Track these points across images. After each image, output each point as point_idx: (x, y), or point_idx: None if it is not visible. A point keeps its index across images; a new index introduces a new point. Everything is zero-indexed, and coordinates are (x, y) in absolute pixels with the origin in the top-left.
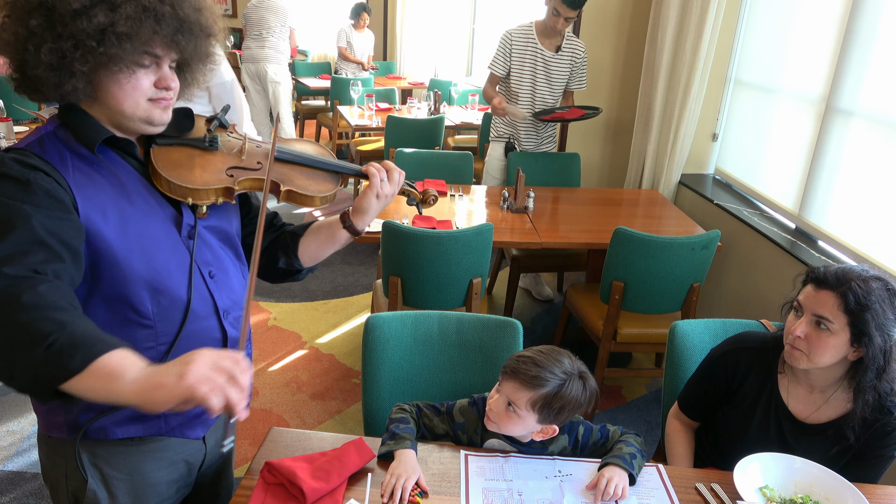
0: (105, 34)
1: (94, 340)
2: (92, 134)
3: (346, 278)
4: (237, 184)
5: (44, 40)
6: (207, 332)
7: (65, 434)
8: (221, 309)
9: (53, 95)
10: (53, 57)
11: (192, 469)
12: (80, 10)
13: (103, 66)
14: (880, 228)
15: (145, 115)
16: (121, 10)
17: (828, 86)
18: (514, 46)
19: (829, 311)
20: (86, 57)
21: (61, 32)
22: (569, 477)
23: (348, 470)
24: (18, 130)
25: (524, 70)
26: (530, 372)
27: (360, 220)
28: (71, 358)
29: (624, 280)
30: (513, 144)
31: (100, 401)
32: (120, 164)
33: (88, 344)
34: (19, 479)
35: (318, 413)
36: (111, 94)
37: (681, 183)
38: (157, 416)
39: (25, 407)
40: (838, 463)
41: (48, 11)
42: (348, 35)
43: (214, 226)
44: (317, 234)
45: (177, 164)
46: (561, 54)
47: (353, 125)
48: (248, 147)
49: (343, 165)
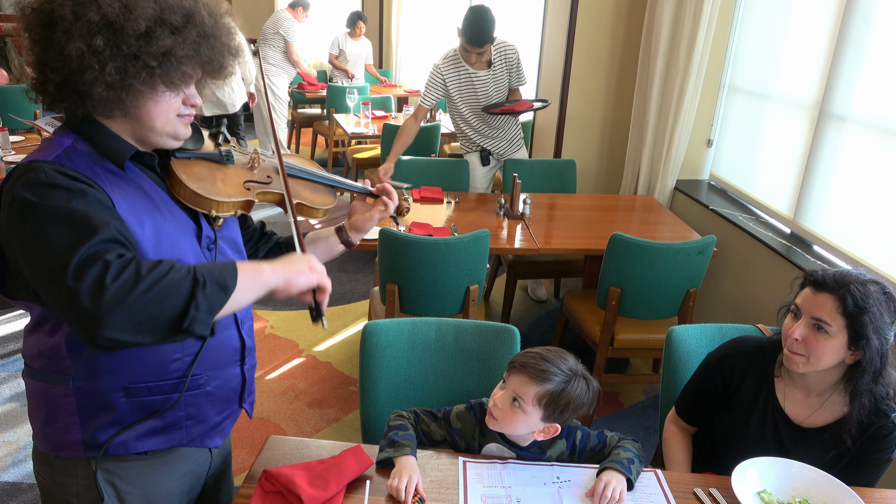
0: (166, 57)
1: (218, 265)
2: (119, 149)
3: (343, 286)
4: (256, 196)
5: (110, 59)
6: (228, 342)
7: (80, 453)
8: (239, 318)
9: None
10: (118, 76)
11: (200, 479)
12: (146, 32)
13: (155, 85)
14: (875, 233)
15: (173, 130)
16: (183, 35)
17: (821, 91)
18: (446, 78)
19: (828, 313)
20: (146, 78)
21: (127, 52)
22: (567, 483)
23: (346, 477)
24: (14, 140)
25: (464, 95)
26: (539, 366)
27: (356, 235)
28: (223, 281)
29: (620, 286)
30: (488, 152)
31: (250, 300)
32: (143, 177)
33: (218, 268)
34: (15, 491)
35: (315, 421)
36: (146, 111)
37: (676, 189)
38: (179, 427)
39: (21, 417)
40: (835, 466)
41: (115, 31)
42: (341, 43)
43: (227, 236)
44: (313, 247)
45: (199, 177)
46: (494, 67)
47: (350, 133)
48: (259, 161)
49: (345, 182)
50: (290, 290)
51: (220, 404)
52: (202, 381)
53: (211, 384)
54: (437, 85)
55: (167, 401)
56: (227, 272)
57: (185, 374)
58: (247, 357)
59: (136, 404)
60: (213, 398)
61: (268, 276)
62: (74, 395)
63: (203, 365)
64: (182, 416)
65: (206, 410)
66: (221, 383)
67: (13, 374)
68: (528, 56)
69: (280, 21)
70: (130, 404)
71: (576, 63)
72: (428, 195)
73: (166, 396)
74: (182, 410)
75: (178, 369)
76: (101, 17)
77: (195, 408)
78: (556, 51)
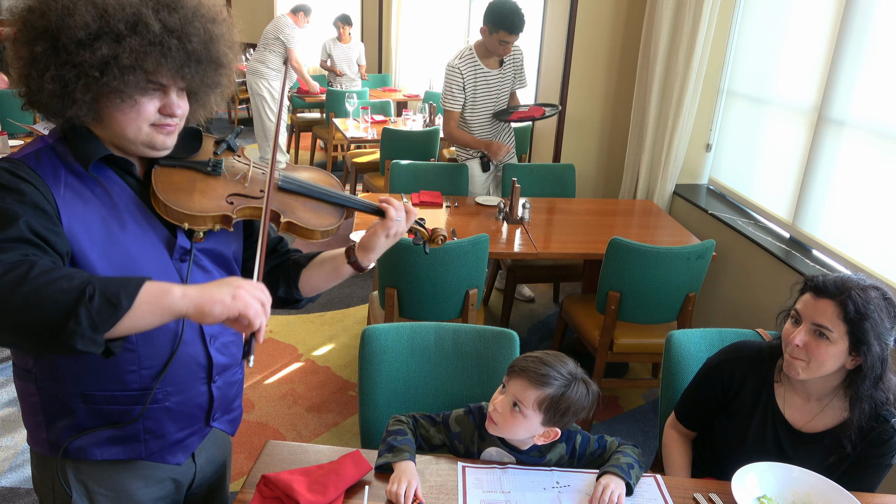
0: (108, 66)
1: (122, 280)
2: (89, 152)
3: (342, 290)
4: (235, 212)
5: (47, 67)
6: (193, 358)
7: (47, 450)
8: (208, 334)
9: (58, 117)
10: (56, 84)
11: (181, 487)
12: (84, 40)
13: (105, 95)
14: (873, 237)
15: (147, 139)
16: (125, 43)
17: (819, 96)
18: (464, 76)
19: (829, 319)
20: (88, 86)
21: (65, 61)
22: (567, 488)
23: (345, 483)
24: (14, 144)
25: (477, 95)
26: (539, 370)
27: (365, 256)
28: (115, 298)
29: (620, 290)
30: (487, 158)
31: (154, 324)
32: (116, 183)
33: (121, 283)
34: (12, 496)
35: (314, 426)
36: (113, 119)
37: (675, 193)
38: (138, 440)
39: (18, 422)
40: (835, 472)
41: (53, 39)
42: (329, 48)
43: (210, 249)
44: (320, 267)
45: (177, 188)
46: (504, 66)
47: (349, 137)
48: (253, 173)
49: (355, 200)
50: (204, 320)
51: (181, 420)
52: (160, 396)
53: (171, 399)
54: (459, 84)
55: (127, 413)
56: (126, 289)
57: (146, 387)
58: (218, 375)
59: (93, 411)
60: (174, 414)
61: (175, 301)
62: (38, 395)
63: (162, 380)
64: (140, 428)
65: (166, 426)
66: (183, 399)
67: (10, 379)
68: (527, 61)
69: (280, 27)
70: (88, 410)
71: (575, 67)
72: (427, 200)
73: (125, 408)
74: (140, 423)
75: (135, 381)
76: (44, 24)
77: (153, 422)
78: (556, 55)
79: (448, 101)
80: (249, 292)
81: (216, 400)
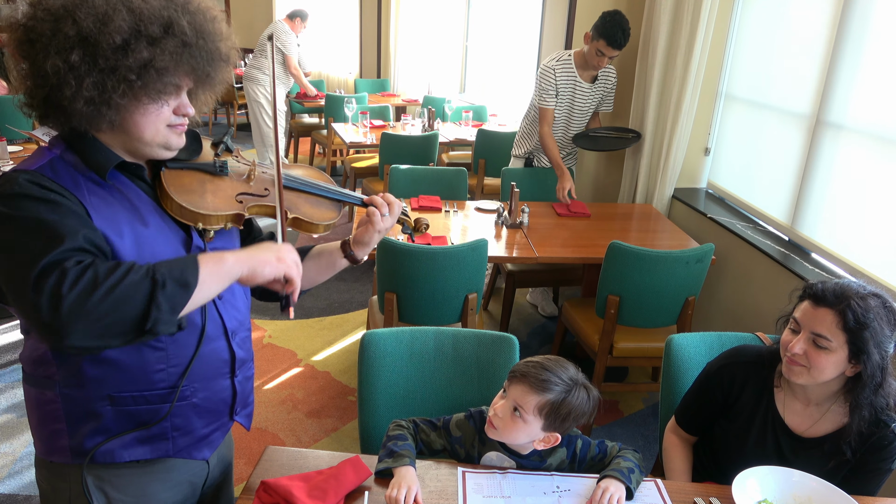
0: (146, 69)
1: (177, 261)
2: (101, 160)
3: (341, 295)
4: (247, 210)
5: (87, 74)
6: (217, 354)
7: (69, 459)
8: (230, 329)
9: (77, 123)
10: (95, 91)
11: (196, 489)
12: (122, 45)
13: (138, 98)
14: (872, 240)
15: (164, 140)
16: (161, 46)
17: (817, 100)
18: (558, 80)
19: (828, 329)
20: (126, 91)
21: (104, 67)
22: (567, 493)
23: (345, 488)
24: (13, 150)
25: (562, 102)
26: (540, 376)
27: (360, 250)
28: (183, 279)
29: (619, 294)
30: (531, 160)
31: (216, 293)
32: (130, 187)
33: (180, 264)
34: (11, 503)
35: (314, 431)
36: (134, 122)
37: (674, 197)
38: (165, 438)
39: (17, 428)
40: (836, 476)
41: (91, 46)
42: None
43: (220, 247)
44: (317, 261)
45: (188, 189)
46: (596, 83)
47: (348, 142)
48: (256, 173)
49: (346, 194)
50: (255, 280)
51: (207, 416)
52: (188, 393)
53: (198, 396)
54: (552, 84)
55: (155, 412)
56: (189, 268)
57: (173, 385)
58: (238, 369)
59: (121, 413)
60: (200, 410)
61: (231, 267)
62: (61, 402)
63: (189, 376)
64: (168, 426)
65: (193, 422)
66: (209, 395)
67: (9, 385)
68: (525, 64)
69: (277, 33)
70: (116, 413)
71: None
72: (426, 204)
73: (153, 407)
74: (168, 421)
75: (163, 380)
76: (77, 31)
77: (181, 419)
78: None
79: (542, 99)
80: (289, 254)
81: (239, 394)
